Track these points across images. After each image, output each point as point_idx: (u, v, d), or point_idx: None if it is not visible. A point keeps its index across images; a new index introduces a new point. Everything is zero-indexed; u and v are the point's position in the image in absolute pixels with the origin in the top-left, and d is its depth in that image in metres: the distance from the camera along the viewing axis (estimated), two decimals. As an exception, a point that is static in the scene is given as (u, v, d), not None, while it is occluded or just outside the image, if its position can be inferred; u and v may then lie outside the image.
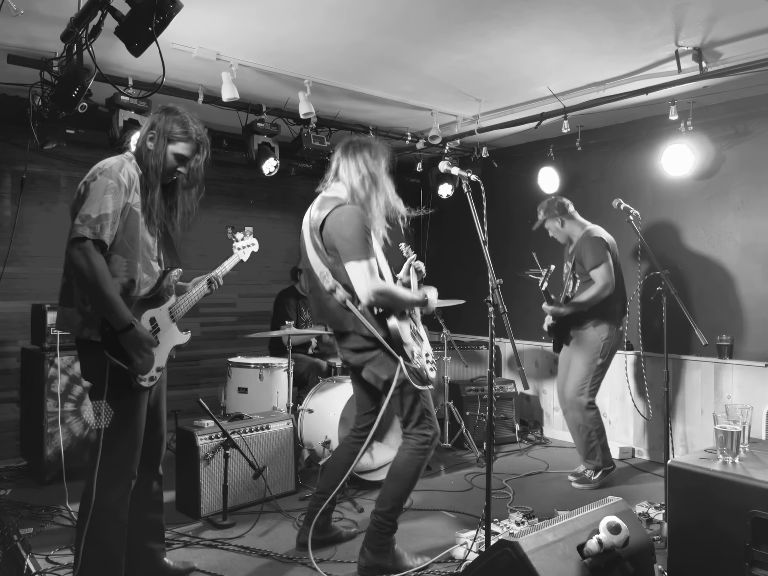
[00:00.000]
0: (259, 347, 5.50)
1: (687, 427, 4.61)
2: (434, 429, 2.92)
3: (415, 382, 2.81)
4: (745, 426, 2.52)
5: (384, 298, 2.75)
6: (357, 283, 2.75)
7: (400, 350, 2.79)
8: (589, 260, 4.11)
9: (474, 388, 5.17)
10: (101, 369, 2.33)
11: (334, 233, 2.79)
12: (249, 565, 3.01)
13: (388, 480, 2.95)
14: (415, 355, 2.85)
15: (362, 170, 2.88)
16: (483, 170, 5.56)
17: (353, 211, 2.81)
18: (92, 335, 2.32)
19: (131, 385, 2.36)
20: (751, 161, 4.31)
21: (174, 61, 3.57)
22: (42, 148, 4.06)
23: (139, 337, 2.30)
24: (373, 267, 2.75)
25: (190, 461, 3.56)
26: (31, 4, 2.95)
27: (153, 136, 2.46)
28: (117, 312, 2.26)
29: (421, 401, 2.89)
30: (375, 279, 2.74)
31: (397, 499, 2.89)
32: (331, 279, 2.84)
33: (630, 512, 2.36)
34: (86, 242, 2.22)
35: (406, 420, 2.91)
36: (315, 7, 3.09)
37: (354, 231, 2.75)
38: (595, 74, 4.00)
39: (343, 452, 3.17)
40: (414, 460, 2.88)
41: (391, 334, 2.79)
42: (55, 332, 4.03)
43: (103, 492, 2.35)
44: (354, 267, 2.74)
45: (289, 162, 5.22)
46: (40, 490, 3.95)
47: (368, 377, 2.92)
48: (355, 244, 2.74)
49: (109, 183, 2.32)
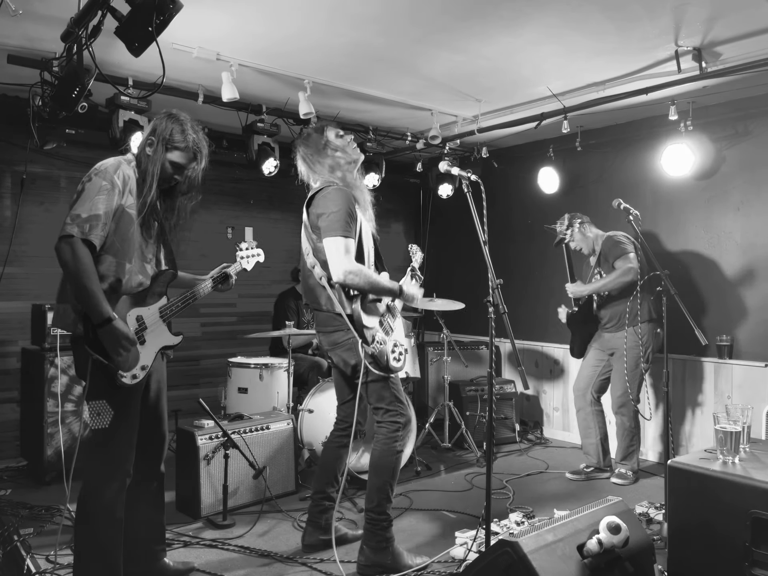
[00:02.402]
0: (260, 347, 5.50)
1: (687, 427, 4.61)
2: (405, 416, 2.97)
3: (373, 368, 2.84)
4: (745, 426, 2.52)
5: (355, 278, 2.78)
6: (331, 259, 2.80)
7: (360, 333, 2.83)
8: (614, 253, 4.16)
9: (474, 388, 5.17)
10: (85, 365, 2.35)
11: (318, 210, 2.87)
12: (249, 565, 3.01)
13: (369, 475, 2.98)
14: (377, 340, 2.88)
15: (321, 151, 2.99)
16: (483, 170, 5.56)
17: (340, 190, 2.89)
18: (80, 332, 2.34)
19: (114, 383, 2.36)
20: (751, 161, 4.31)
21: (174, 61, 3.57)
22: (42, 148, 4.06)
23: (116, 332, 2.30)
24: (348, 246, 2.79)
25: (190, 461, 3.56)
26: (31, 4, 2.95)
27: (152, 142, 2.48)
28: (96, 305, 2.27)
29: (390, 388, 2.93)
30: (349, 258, 2.78)
31: (382, 491, 2.90)
32: (312, 256, 2.93)
33: (630, 512, 2.36)
34: (73, 239, 2.25)
35: (377, 408, 2.95)
36: (315, 7, 3.09)
37: (336, 208, 2.81)
38: (595, 74, 4.00)
39: (331, 449, 3.18)
40: (389, 448, 2.91)
41: (354, 314, 2.83)
42: (55, 332, 4.03)
43: (98, 490, 2.36)
44: (330, 243, 2.79)
45: (289, 162, 5.14)
46: (40, 490, 3.96)
47: (337, 362, 2.98)
48: (333, 220, 2.79)
49: (103, 184, 2.33)
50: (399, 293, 2.97)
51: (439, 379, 5.46)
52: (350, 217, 2.82)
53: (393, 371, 2.94)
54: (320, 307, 2.95)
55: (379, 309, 2.99)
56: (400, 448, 2.95)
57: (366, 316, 2.86)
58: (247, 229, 5.86)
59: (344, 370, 2.99)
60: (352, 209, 2.85)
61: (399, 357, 2.97)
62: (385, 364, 2.89)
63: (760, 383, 4.20)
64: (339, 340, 2.92)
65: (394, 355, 2.94)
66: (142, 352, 2.45)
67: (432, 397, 5.54)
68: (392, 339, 2.99)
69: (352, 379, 3.01)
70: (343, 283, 2.79)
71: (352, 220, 2.84)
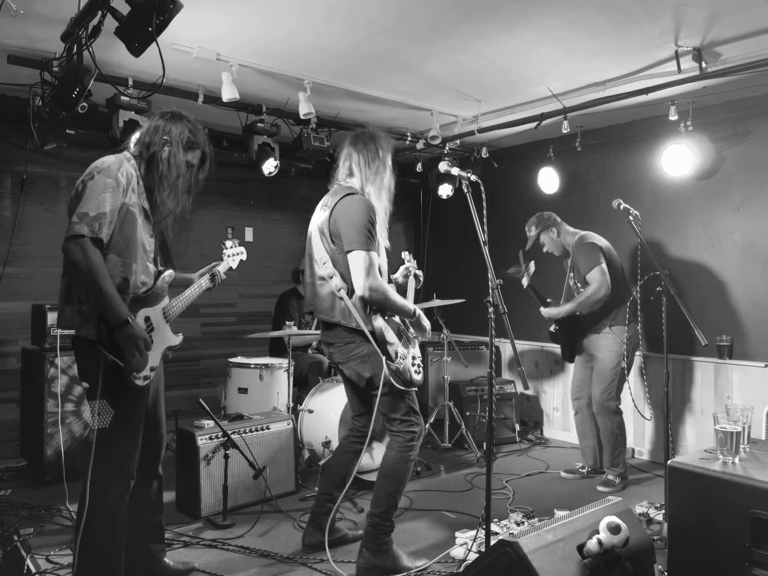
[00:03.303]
0: (260, 348, 5.50)
1: (687, 427, 4.61)
2: (420, 425, 2.95)
3: (396, 383, 2.81)
4: (745, 426, 2.52)
5: (378, 296, 2.76)
6: (355, 273, 2.76)
7: (384, 349, 2.80)
8: (582, 265, 4.15)
9: (474, 388, 5.17)
10: (96, 368, 2.32)
11: (341, 220, 2.81)
12: (249, 565, 3.01)
13: (379, 480, 2.95)
14: (399, 355, 2.85)
15: (373, 163, 2.92)
16: (483, 170, 5.56)
17: (364, 201, 2.83)
18: (89, 334, 2.32)
19: (126, 384, 2.36)
20: (751, 161, 4.31)
21: (174, 61, 3.57)
22: (42, 148, 4.06)
23: (135, 334, 2.30)
24: (374, 261, 2.76)
25: (190, 461, 3.56)
26: (31, 5, 2.95)
27: (167, 142, 2.48)
28: (113, 307, 2.25)
29: (407, 400, 2.91)
30: (374, 274, 2.75)
31: (392, 497, 2.90)
32: (330, 266, 2.86)
33: (630, 512, 2.36)
34: (83, 239, 2.22)
35: (392, 419, 2.92)
36: (315, 8, 3.09)
37: (361, 220, 2.76)
38: (595, 74, 4.00)
39: (343, 453, 3.17)
40: (403, 457, 2.90)
41: (375, 331, 2.80)
42: (55, 332, 4.04)
43: (102, 493, 2.34)
44: (355, 256, 2.75)
45: (289, 162, 5.22)
46: (40, 490, 3.95)
47: (350, 374, 2.94)
48: (360, 234, 2.75)
49: (108, 182, 2.32)
50: (412, 316, 2.93)
51: (439, 379, 5.46)
52: (373, 228, 2.79)
53: (416, 385, 2.92)
54: (332, 319, 2.87)
55: (396, 321, 2.95)
56: (414, 457, 2.93)
57: (387, 332, 2.83)
58: (247, 229, 5.85)
59: (358, 383, 2.94)
60: (374, 222, 2.80)
61: (419, 370, 2.96)
62: (408, 379, 2.87)
63: (760, 383, 4.20)
64: (351, 353, 2.88)
65: (415, 369, 2.93)
66: (151, 353, 2.45)
67: (432, 397, 5.54)
68: (411, 352, 2.96)
69: (367, 392, 2.97)
70: (367, 299, 2.76)
71: (374, 233, 2.80)
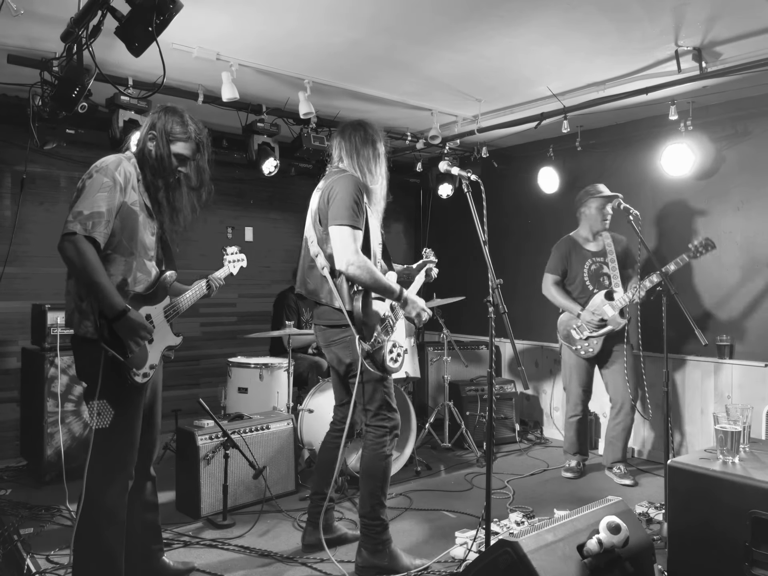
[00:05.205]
0: (259, 347, 5.50)
1: (687, 427, 4.61)
2: (393, 421, 2.92)
3: (370, 367, 2.81)
4: (745, 426, 2.52)
5: (359, 272, 2.72)
6: (336, 248, 2.76)
7: (359, 329, 2.79)
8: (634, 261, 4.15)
9: (474, 388, 5.17)
10: (95, 366, 2.31)
11: (329, 197, 2.82)
12: (249, 565, 3.01)
13: (360, 479, 2.96)
14: (375, 338, 2.84)
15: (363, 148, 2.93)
16: (483, 170, 5.55)
17: (352, 177, 2.84)
18: (87, 332, 2.32)
19: (125, 382, 2.35)
20: (751, 161, 4.31)
21: (174, 61, 3.57)
22: (42, 148, 4.06)
23: (134, 322, 2.29)
24: (356, 237, 2.75)
25: (190, 461, 3.56)
26: (31, 4, 2.95)
27: (153, 137, 2.46)
28: (109, 298, 2.25)
29: (382, 391, 2.89)
30: (355, 250, 2.73)
31: (374, 497, 2.88)
32: (316, 245, 2.88)
33: (630, 512, 2.37)
34: (76, 236, 2.22)
35: (367, 410, 2.91)
36: (315, 7, 3.09)
37: (345, 196, 2.76)
38: (595, 74, 4.00)
39: (328, 450, 3.17)
40: (377, 454, 2.89)
41: (354, 311, 2.79)
42: (55, 332, 4.04)
43: (100, 492, 2.34)
44: (336, 231, 2.75)
45: (289, 162, 5.22)
46: (40, 490, 3.95)
47: (331, 359, 2.96)
48: (344, 209, 2.74)
49: (104, 181, 2.32)
50: (399, 296, 2.86)
51: (439, 379, 5.46)
52: (358, 207, 2.76)
53: (389, 372, 2.90)
54: (319, 300, 2.91)
55: (381, 307, 2.93)
56: (389, 452, 2.91)
57: (366, 314, 2.81)
58: (247, 228, 5.86)
59: (338, 368, 2.97)
60: (360, 199, 2.79)
61: (396, 358, 2.93)
62: (381, 363, 2.85)
63: (760, 383, 4.20)
64: (334, 336, 2.89)
65: (392, 356, 2.91)
66: (151, 351, 2.45)
67: (432, 397, 5.54)
68: (391, 339, 2.94)
69: (345, 378, 2.99)
70: (346, 274, 2.75)
71: (360, 210, 2.78)
